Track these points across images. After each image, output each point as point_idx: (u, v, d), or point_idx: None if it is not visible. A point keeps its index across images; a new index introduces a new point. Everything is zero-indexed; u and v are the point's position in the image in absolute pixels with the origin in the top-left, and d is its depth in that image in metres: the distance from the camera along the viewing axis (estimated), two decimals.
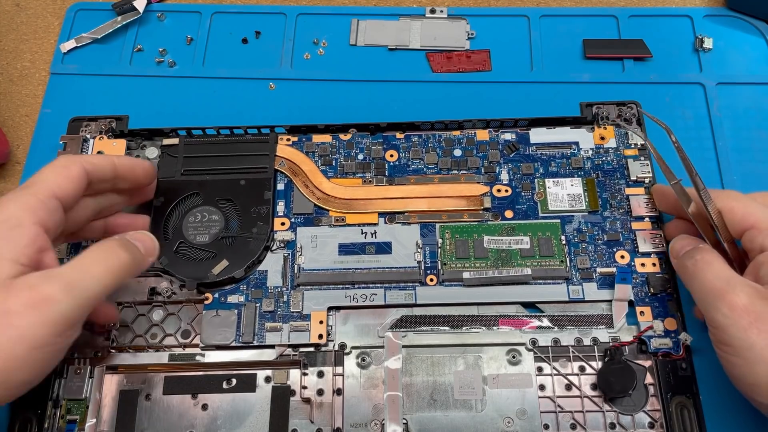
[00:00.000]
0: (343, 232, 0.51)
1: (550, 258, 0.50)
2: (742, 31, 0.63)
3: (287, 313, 0.49)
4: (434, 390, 0.47)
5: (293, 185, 0.53)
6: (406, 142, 0.54)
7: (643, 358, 0.47)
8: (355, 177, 0.53)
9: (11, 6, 0.67)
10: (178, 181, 0.52)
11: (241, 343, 0.48)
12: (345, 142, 0.54)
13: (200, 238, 0.50)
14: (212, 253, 0.50)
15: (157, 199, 0.51)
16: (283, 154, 0.54)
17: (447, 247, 0.50)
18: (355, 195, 0.52)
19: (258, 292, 0.49)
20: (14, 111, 0.62)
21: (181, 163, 0.53)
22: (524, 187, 0.52)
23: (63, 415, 0.46)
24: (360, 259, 0.50)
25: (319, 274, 0.50)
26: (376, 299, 0.49)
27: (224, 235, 0.50)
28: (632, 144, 0.53)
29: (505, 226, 0.51)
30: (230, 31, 0.64)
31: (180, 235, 0.50)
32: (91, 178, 0.43)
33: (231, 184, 0.52)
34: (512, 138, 0.54)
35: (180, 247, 0.50)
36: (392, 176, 0.53)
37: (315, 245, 0.51)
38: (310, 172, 0.53)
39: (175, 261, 0.49)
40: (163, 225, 0.50)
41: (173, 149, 0.53)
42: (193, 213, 0.51)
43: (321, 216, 0.52)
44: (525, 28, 0.64)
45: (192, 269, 0.49)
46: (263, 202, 0.51)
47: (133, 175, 0.47)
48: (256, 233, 0.50)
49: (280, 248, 0.51)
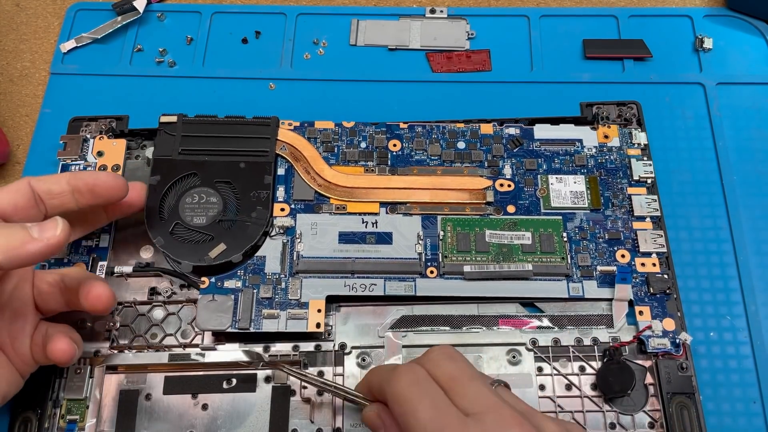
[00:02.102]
0: (344, 220, 0.51)
1: (551, 254, 0.49)
2: (742, 31, 0.63)
3: (285, 301, 0.48)
4: None
5: (294, 171, 0.52)
6: (409, 132, 0.54)
7: (643, 358, 0.47)
8: (357, 165, 0.53)
9: (11, 6, 0.67)
10: (175, 160, 0.51)
11: (237, 329, 0.47)
12: (348, 130, 0.54)
13: (197, 220, 0.49)
14: (209, 236, 0.48)
15: (153, 177, 0.50)
16: (285, 139, 0.53)
17: (448, 239, 0.50)
18: (357, 183, 0.52)
19: (256, 278, 0.49)
20: (14, 111, 0.62)
21: (179, 142, 0.52)
22: (527, 183, 0.52)
23: (63, 414, 0.46)
24: (360, 248, 0.50)
25: (319, 262, 0.49)
26: (376, 289, 0.48)
27: (222, 218, 0.49)
28: (635, 144, 0.53)
29: (507, 220, 0.51)
30: (230, 31, 0.64)
31: (176, 215, 0.49)
32: (38, 191, 0.42)
33: (230, 166, 0.51)
34: (516, 133, 0.54)
35: (176, 228, 0.49)
36: (395, 166, 0.53)
37: (315, 233, 0.50)
38: (312, 158, 0.52)
39: (171, 242, 0.48)
40: (159, 204, 0.49)
41: (171, 127, 0.52)
42: (190, 194, 0.50)
43: (322, 203, 0.51)
44: (525, 28, 0.64)
45: (188, 251, 0.48)
46: (263, 187, 0.50)
47: (89, 188, 0.44)
48: (256, 218, 0.49)
49: (279, 234, 0.50)
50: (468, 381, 0.37)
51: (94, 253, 0.50)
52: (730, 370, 0.50)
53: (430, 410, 0.35)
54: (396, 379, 0.37)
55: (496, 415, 0.34)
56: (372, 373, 0.42)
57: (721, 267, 0.53)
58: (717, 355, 0.50)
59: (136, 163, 0.54)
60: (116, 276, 0.50)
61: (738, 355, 0.50)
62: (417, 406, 0.35)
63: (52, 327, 0.44)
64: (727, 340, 0.50)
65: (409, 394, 0.36)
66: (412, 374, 0.38)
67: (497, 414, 0.34)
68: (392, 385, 0.37)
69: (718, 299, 0.52)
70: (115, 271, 0.50)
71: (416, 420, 0.35)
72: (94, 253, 0.50)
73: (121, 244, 0.51)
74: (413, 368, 0.38)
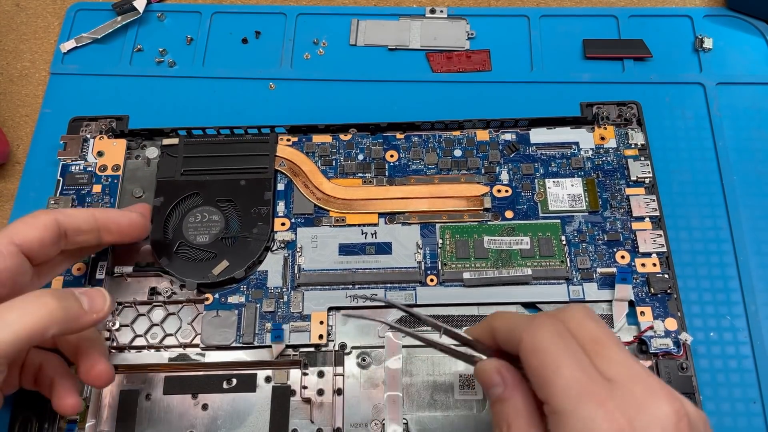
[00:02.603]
0: (344, 232, 0.51)
1: (551, 258, 0.49)
2: (742, 31, 0.63)
3: (287, 314, 0.48)
4: (434, 390, 0.47)
5: (293, 185, 0.53)
6: (406, 142, 0.54)
7: (643, 358, 0.47)
8: (355, 177, 0.53)
9: (11, 6, 0.67)
10: (178, 181, 0.52)
11: (242, 344, 0.48)
12: (345, 143, 0.54)
13: (200, 239, 0.50)
14: (212, 253, 0.50)
15: (157, 198, 0.51)
16: (283, 155, 0.54)
17: (447, 247, 0.50)
18: (356, 195, 0.52)
19: (258, 293, 0.49)
20: (14, 111, 0.62)
21: (180, 163, 0.53)
22: (524, 188, 0.52)
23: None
24: (360, 259, 0.50)
25: (320, 275, 0.50)
26: (377, 299, 0.49)
27: (224, 236, 0.50)
28: (632, 144, 0.53)
29: (506, 226, 0.51)
30: (230, 31, 0.64)
31: (180, 235, 0.50)
32: (66, 229, 0.42)
33: (231, 184, 0.52)
34: (512, 138, 0.54)
35: (180, 247, 0.50)
36: (392, 176, 0.53)
37: (315, 245, 0.51)
38: (310, 172, 0.53)
39: (175, 261, 0.49)
40: (163, 225, 0.50)
41: (173, 149, 0.53)
42: (193, 213, 0.51)
43: (321, 216, 0.52)
44: (525, 28, 0.64)
45: (192, 270, 0.49)
46: (263, 203, 0.51)
47: (118, 229, 0.45)
48: (257, 234, 0.50)
49: (280, 249, 0.51)
50: (614, 345, 0.33)
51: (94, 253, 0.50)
52: (730, 370, 0.50)
53: (577, 369, 0.31)
54: (538, 328, 0.33)
55: (645, 385, 0.31)
56: (499, 317, 0.37)
57: (721, 267, 0.53)
58: (717, 355, 0.50)
59: (136, 163, 0.54)
60: (116, 276, 0.50)
61: (738, 355, 0.50)
62: (562, 361, 0.31)
63: (49, 362, 0.43)
64: (727, 340, 0.50)
65: (553, 347, 0.32)
66: (556, 326, 0.33)
67: (646, 384, 0.31)
68: (532, 334, 0.33)
69: (718, 299, 0.52)
70: (115, 271, 0.50)
71: (559, 376, 0.31)
72: (94, 253, 0.50)
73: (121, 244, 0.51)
74: (556, 321, 0.34)
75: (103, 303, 0.40)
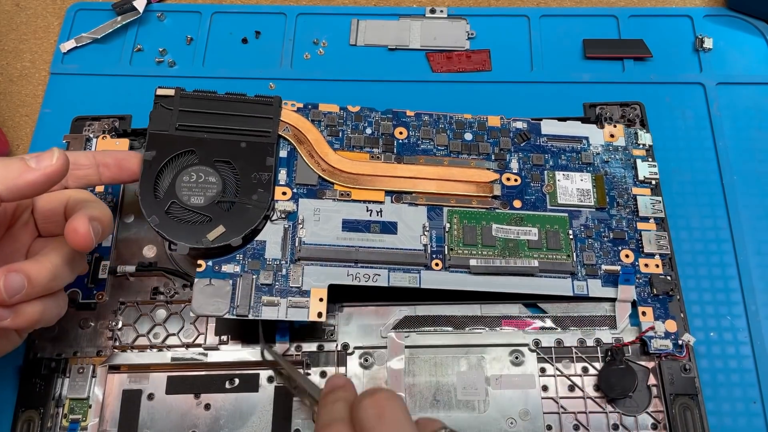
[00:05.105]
0: (348, 207, 0.49)
1: (557, 251, 0.49)
2: (742, 31, 0.63)
3: (285, 288, 0.46)
4: (437, 390, 0.47)
5: (297, 153, 0.50)
6: (416, 120, 0.53)
7: (646, 359, 0.47)
8: (362, 151, 0.51)
9: (11, 6, 0.67)
10: (172, 135, 0.48)
11: (235, 316, 0.45)
12: (353, 114, 0.52)
13: (195, 200, 0.46)
14: (207, 217, 0.46)
15: (149, 152, 0.47)
16: (288, 120, 0.51)
17: (455, 232, 0.49)
18: (362, 170, 0.50)
19: (255, 264, 0.46)
20: (14, 111, 0.62)
21: (176, 117, 0.49)
22: (534, 178, 0.52)
23: (66, 414, 0.46)
24: (364, 237, 0.48)
25: (321, 250, 0.47)
26: (380, 280, 0.47)
27: (221, 200, 0.47)
28: (641, 144, 0.53)
29: (514, 215, 0.50)
30: (230, 31, 0.64)
31: (172, 194, 0.46)
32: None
33: (230, 145, 0.48)
34: (524, 126, 0.53)
35: (172, 207, 0.46)
36: (401, 154, 0.51)
37: (318, 219, 0.48)
38: (316, 141, 0.51)
39: (167, 222, 0.45)
40: (154, 181, 0.47)
41: (168, 101, 0.49)
42: (187, 172, 0.47)
43: (325, 189, 0.49)
44: (525, 28, 0.64)
45: (184, 233, 0.45)
46: (265, 168, 0.48)
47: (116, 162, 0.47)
48: (257, 200, 0.47)
49: (280, 219, 0.48)
50: None
51: (96, 252, 0.50)
52: (731, 370, 0.50)
53: None
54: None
55: None
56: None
57: (721, 267, 0.53)
58: (717, 355, 0.50)
59: None
60: (119, 275, 0.50)
61: (738, 355, 0.50)
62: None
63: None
64: (727, 340, 0.51)
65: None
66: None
67: None
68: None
69: (718, 299, 0.52)
70: (117, 270, 0.50)
71: None
72: (97, 252, 0.50)
73: (123, 244, 0.51)
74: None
75: (51, 158, 0.38)
